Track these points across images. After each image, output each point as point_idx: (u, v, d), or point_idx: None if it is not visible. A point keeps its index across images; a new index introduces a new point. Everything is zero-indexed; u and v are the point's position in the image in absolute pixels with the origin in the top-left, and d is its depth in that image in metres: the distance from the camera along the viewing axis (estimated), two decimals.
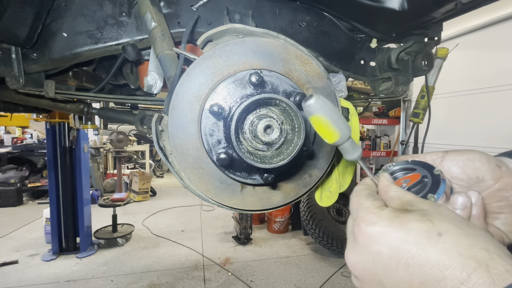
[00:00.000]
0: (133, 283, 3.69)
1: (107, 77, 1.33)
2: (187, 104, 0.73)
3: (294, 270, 4.03)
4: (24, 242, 4.83)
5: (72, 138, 4.18)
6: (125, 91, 2.06)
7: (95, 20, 1.03)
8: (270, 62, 0.76)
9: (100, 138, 9.17)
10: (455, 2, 1.00)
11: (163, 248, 4.67)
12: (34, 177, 7.49)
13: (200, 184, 0.76)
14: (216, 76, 0.73)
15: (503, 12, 4.48)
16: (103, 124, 2.81)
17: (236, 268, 4.04)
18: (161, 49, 0.87)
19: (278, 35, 0.79)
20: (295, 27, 1.19)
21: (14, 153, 7.48)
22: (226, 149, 0.72)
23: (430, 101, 1.84)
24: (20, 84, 1.08)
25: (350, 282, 3.75)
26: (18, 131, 8.67)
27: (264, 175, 0.73)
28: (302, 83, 0.79)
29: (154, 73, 1.03)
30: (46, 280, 3.73)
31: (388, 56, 1.33)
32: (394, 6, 1.06)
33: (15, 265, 4.09)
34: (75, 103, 2.08)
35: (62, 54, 1.04)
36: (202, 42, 0.79)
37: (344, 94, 1.09)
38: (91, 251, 4.46)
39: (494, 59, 4.69)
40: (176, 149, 0.74)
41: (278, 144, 0.72)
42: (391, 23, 1.22)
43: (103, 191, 7.83)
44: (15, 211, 6.52)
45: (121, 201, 6.55)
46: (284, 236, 5.11)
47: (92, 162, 7.42)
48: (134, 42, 1.05)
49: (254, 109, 0.71)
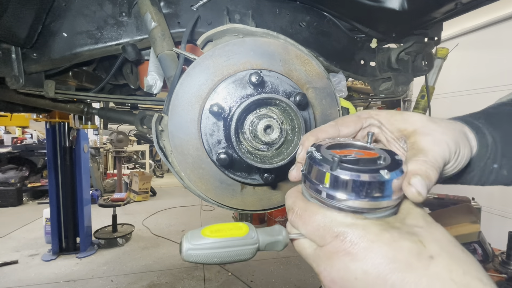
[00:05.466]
0: (133, 283, 3.69)
1: (107, 77, 1.33)
2: (187, 104, 0.73)
3: (294, 270, 4.03)
4: (24, 242, 4.83)
5: (72, 138, 4.18)
6: (125, 91, 2.06)
7: (95, 20, 1.03)
8: (270, 62, 0.76)
9: (100, 138, 9.18)
10: (455, 2, 1.00)
11: (163, 248, 4.67)
12: (34, 177, 7.49)
13: (200, 184, 0.76)
14: (216, 76, 0.73)
15: (503, 12, 4.47)
16: (103, 124, 2.82)
17: (236, 268, 4.04)
18: (161, 49, 0.87)
19: (278, 35, 0.79)
20: (295, 27, 1.19)
21: (14, 153, 7.48)
22: (226, 149, 0.72)
23: (430, 101, 1.85)
24: (20, 84, 1.08)
25: None
26: (18, 131, 8.68)
27: (264, 175, 0.73)
28: (302, 83, 0.79)
29: (154, 73, 1.03)
30: (46, 280, 3.73)
31: (388, 56, 1.33)
32: (394, 6, 1.06)
33: (15, 265, 4.09)
34: (75, 103, 2.08)
35: (62, 54, 1.04)
36: (202, 42, 0.79)
37: (344, 94, 1.09)
38: (91, 251, 4.46)
39: (494, 59, 4.69)
40: (176, 149, 0.74)
41: (278, 144, 0.72)
42: (391, 23, 1.22)
43: (103, 191, 7.83)
44: (15, 211, 6.52)
45: (121, 201, 6.55)
46: None
47: (92, 162, 7.42)
48: (134, 42, 1.05)
49: (254, 109, 0.71)
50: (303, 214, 0.41)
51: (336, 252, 0.36)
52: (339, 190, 0.38)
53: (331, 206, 0.39)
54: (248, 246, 0.41)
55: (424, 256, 0.33)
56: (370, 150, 0.44)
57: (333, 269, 0.37)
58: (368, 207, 0.38)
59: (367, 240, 0.35)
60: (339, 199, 0.38)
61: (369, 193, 0.37)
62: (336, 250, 0.36)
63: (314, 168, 0.41)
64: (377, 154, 0.42)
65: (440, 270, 0.32)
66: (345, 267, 0.35)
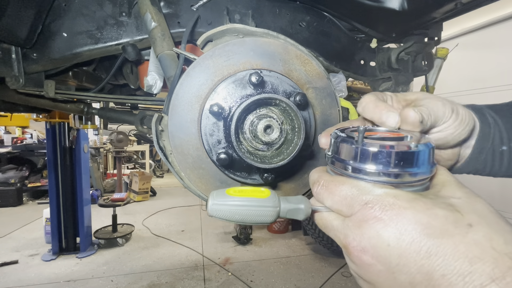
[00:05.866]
0: (133, 283, 3.69)
1: (107, 77, 1.34)
2: (187, 104, 0.73)
3: (294, 270, 4.03)
4: (24, 242, 4.83)
5: (72, 138, 4.18)
6: (125, 91, 2.06)
7: (95, 20, 1.03)
8: (270, 62, 0.76)
9: (100, 138, 9.18)
10: (455, 2, 1.00)
11: (163, 248, 4.67)
12: (34, 177, 7.49)
13: (200, 184, 0.76)
14: (216, 76, 0.73)
15: (503, 12, 4.47)
16: (103, 124, 2.82)
17: (236, 268, 4.04)
18: (161, 49, 0.87)
19: (278, 35, 0.79)
20: (295, 27, 1.19)
21: (14, 153, 7.48)
22: (226, 149, 0.72)
23: None
24: (20, 84, 1.08)
25: (350, 282, 3.75)
26: (18, 131, 8.68)
27: (264, 175, 0.73)
28: (302, 83, 0.79)
29: (154, 73, 1.03)
30: (46, 280, 3.73)
31: (388, 56, 1.33)
32: (394, 6, 1.06)
33: (15, 265, 4.09)
34: (75, 103, 2.08)
35: (62, 54, 1.04)
36: (202, 42, 0.79)
37: (344, 94, 1.09)
38: (91, 251, 4.46)
39: (494, 59, 4.69)
40: (176, 149, 0.74)
41: (278, 144, 0.72)
42: (391, 23, 1.22)
43: (103, 191, 7.83)
44: (15, 211, 6.52)
45: (121, 201, 6.55)
46: (284, 236, 5.11)
47: (92, 162, 7.42)
48: (134, 42, 1.05)
49: (254, 109, 0.71)
50: (329, 185, 0.40)
51: (366, 220, 0.35)
52: (367, 163, 0.37)
53: (358, 179, 0.38)
54: (269, 208, 0.42)
55: (462, 224, 0.31)
56: (396, 131, 0.44)
57: (363, 238, 0.35)
58: (397, 181, 0.37)
59: (399, 207, 0.33)
60: (367, 171, 0.37)
61: (398, 164, 0.36)
62: (366, 218, 0.35)
63: (341, 145, 0.41)
64: (403, 134, 0.42)
65: (480, 238, 0.30)
66: (376, 235, 0.34)
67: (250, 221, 0.43)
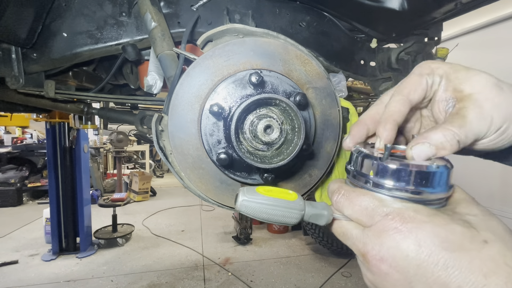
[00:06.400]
0: (133, 283, 3.69)
1: (107, 77, 1.34)
2: (187, 104, 0.73)
3: (294, 270, 4.03)
4: (24, 242, 4.83)
5: (72, 138, 4.18)
6: (125, 91, 2.06)
7: (95, 20, 1.03)
8: (270, 62, 0.76)
9: (100, 138, 9.18)
10: (455, 2, 1.00)
11: (163, 248, 4.67)
12: (34, 177, 7.49)
13: (200, 184, 0.76)
14: (216, 76, 0.73)
15: (503, 12, 4.48)
16: (103, 124, 2.81)
17: (236, 268, 4.04)
18: (161, 49, 0.87)
19: (278, 35, 0.79)
20: (295, 27, 1.19)
21: (14, 153, 7.48)
22: (226, 149, 0.72)
23: None
24: (20, 84, 1.08)
25: (350, 282, 3.75)
26: (18, 131, 8.68)
27: (264, 175, 0.73)
28: (302, 83, 0.79)
29: (154, 73, 1.03)
30: (46, 280, 3.74)
31: (388, 56, 1.33)
32: (394, 6, 1.06)
33: (15, 265, 4.09)
34: (75, 103, 2.08)
35: (62, 54, 1.04)
36: (202, 42, 0.79)
37: (344, 94, 1.09)
38: (91, 251, 4.46)
39: (494, 59, 4.69)
40: (176, 149, 0.74)
41: (278, 144, 0.72)
42: (391, 23, 1.22)
43: (103, 191, 7.83)
44: (15, 211, 6.52)
45: (121, 201, 6.55)
46: (284, 236, 5.11)
47: (92, 162, 7.42)
48: (134, 42, 1.05)
49: (254, 109, 0.71)
50: (350, 195, 0.41)
51: (386, 231, 0.36)
52: (388, 179, 0.39)
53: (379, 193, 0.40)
54: (295, 210, 0.44)
55: (478, 240, 0.33)
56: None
57: (382, 247, 0.36)
58: (416, 198, 0.39)
59: (419, 220, 0.35)
60: (388, 187, 0.39)
61: (418, 183, 0.38)
62: (386, 229, 0.36)
63: (363, 160, 0.43)
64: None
65: (494, 254, 0.32)
66: (396, 245, 0.35)
67: (275, 220, 0.44)
